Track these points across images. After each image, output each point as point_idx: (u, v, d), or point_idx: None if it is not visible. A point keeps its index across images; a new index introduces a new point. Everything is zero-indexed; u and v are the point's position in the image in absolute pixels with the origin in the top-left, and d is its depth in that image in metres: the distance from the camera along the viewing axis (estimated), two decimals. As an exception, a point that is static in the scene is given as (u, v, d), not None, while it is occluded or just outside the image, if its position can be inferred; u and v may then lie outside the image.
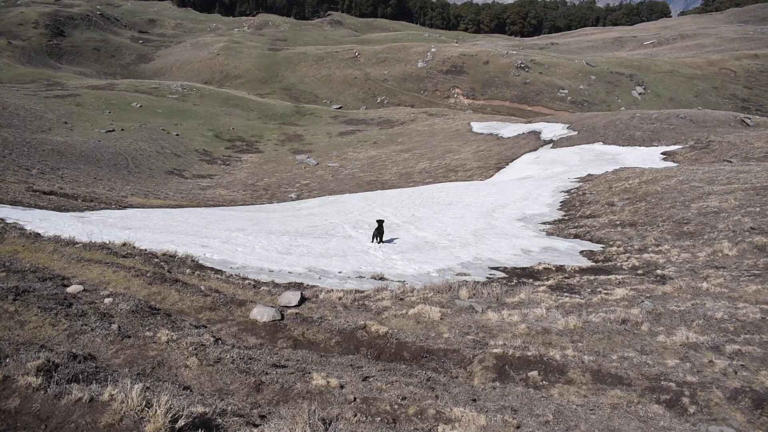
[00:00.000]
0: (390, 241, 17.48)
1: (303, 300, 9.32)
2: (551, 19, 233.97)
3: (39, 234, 11.18)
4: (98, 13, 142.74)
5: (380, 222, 17.19)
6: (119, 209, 22.85)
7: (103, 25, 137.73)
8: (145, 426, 3.87)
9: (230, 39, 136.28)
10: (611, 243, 16.91)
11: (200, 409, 4.39)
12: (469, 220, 21.42)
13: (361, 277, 12.98)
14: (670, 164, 32.41)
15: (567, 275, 13.13)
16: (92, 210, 21.14)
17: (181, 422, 3.98)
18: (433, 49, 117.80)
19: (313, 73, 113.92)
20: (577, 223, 20.34)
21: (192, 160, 53.43)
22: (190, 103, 76.34)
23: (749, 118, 47.94)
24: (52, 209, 19.27)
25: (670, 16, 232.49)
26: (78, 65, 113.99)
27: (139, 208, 24.59)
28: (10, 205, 18.03)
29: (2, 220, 12.70)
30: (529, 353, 7.29)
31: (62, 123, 54.44)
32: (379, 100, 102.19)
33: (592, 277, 12.65)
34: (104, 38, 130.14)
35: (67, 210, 19.76)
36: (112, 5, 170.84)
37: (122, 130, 56.57)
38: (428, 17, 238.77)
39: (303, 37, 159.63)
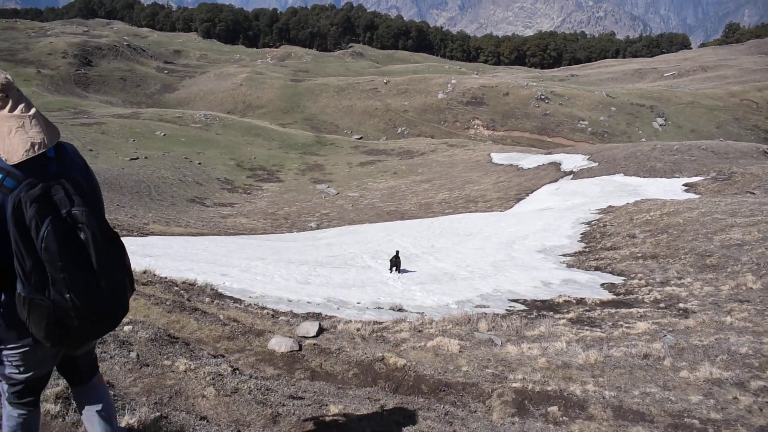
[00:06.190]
0: (409, 271, 17.44)
1: (321, 330, 9.29)
2: (571, 51, 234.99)
3: (62, 261, 11.29)
4: (125, 44, 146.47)
5: (396, 253, 17.21)
6: (141, 236, 23.11)
7: (130, 56, 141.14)
8: (161, 456, 3.87)
9: (253, 70, 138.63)
10: (632, 276, 16.71)
11: (217, 440, 4.38)
12: (489, 251, 21.33)
13: (379, 308, 12.94)
14: (692, 196, 32.10)
15: (587, 308, 12.97)
16: (115, 237, 21.33)
17: (197, 453, 3.98)
18: (453, 81, 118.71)
19: (334, 104, 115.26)
20: (597, 255, 20.15)
21: (213, 189, 54.03)
22: (213, 132, 77.46)
23: (773, 150, 47.46)
24: (76, 236, 19.49)
25: (691, 48, 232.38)
26: (104, 94, 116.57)
27: (160, 235, 24.85)
28: (35, 232, 18.31)
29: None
30: (549, 388, 7.18)
31: (87, 150, 55.49)
32: (399, 131, 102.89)
33: (613, 311, 12.48)
34: (130, 68, 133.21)
35: (90, 237, 19.98)
36: (139, 36, 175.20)
37: (146, 158, 57.51)
38: (449, 49, 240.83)
39: (325, 68, 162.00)
